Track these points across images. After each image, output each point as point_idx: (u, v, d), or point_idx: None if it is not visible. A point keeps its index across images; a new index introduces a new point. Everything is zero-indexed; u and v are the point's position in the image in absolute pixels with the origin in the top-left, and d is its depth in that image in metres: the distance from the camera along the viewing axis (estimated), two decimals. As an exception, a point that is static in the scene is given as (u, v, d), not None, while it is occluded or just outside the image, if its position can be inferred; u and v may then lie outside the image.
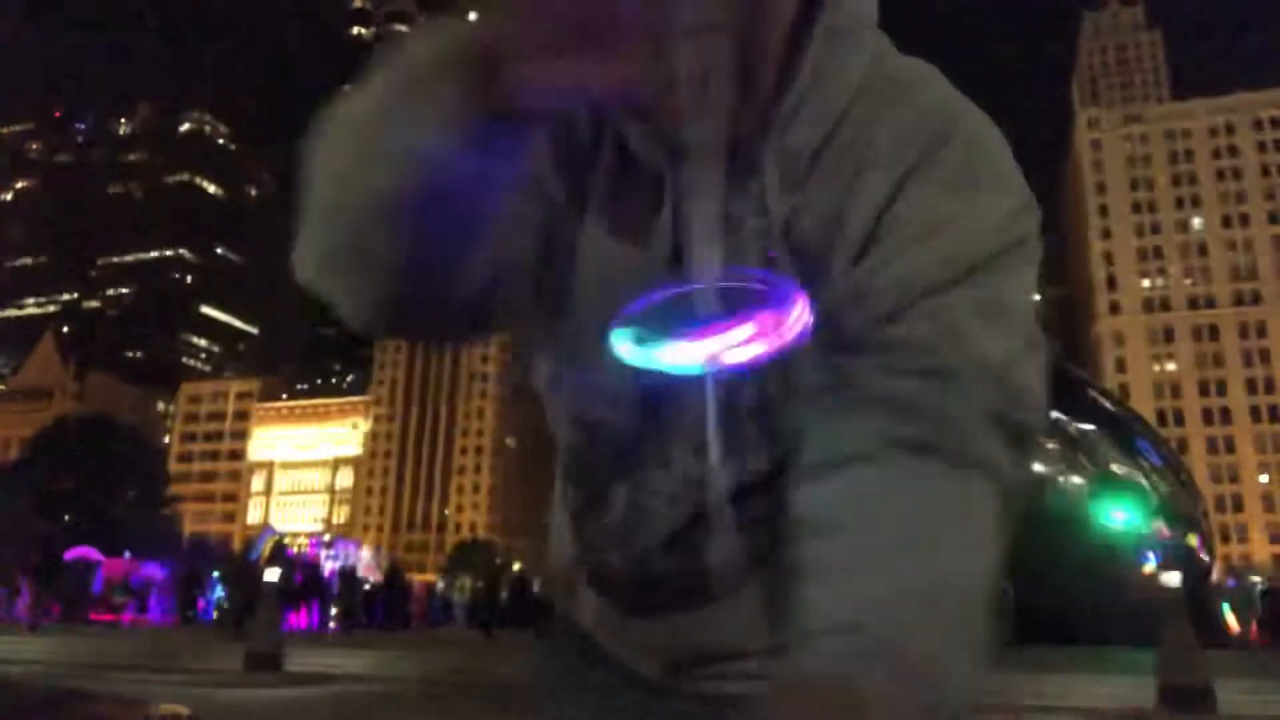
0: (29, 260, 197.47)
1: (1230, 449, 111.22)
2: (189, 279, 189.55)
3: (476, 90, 0.60)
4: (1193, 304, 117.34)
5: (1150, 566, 18.08)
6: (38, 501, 55.17)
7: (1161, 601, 10.05)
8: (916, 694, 0.61)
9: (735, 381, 0.75)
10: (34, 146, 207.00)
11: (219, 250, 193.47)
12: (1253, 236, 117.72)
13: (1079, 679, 11.43)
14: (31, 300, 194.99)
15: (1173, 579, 9.90)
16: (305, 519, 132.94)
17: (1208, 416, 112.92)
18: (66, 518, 58.00)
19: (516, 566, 50.74)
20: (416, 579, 44.02)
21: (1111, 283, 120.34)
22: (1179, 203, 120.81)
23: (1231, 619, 22.05)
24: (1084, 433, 22.26)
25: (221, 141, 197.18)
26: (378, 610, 26.38)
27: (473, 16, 0.66)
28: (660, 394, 0.80)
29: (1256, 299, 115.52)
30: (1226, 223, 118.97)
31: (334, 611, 27.10)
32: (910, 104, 0.79)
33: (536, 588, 26.67)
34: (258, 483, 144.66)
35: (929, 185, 0.75)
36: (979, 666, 0.65)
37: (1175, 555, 19.17)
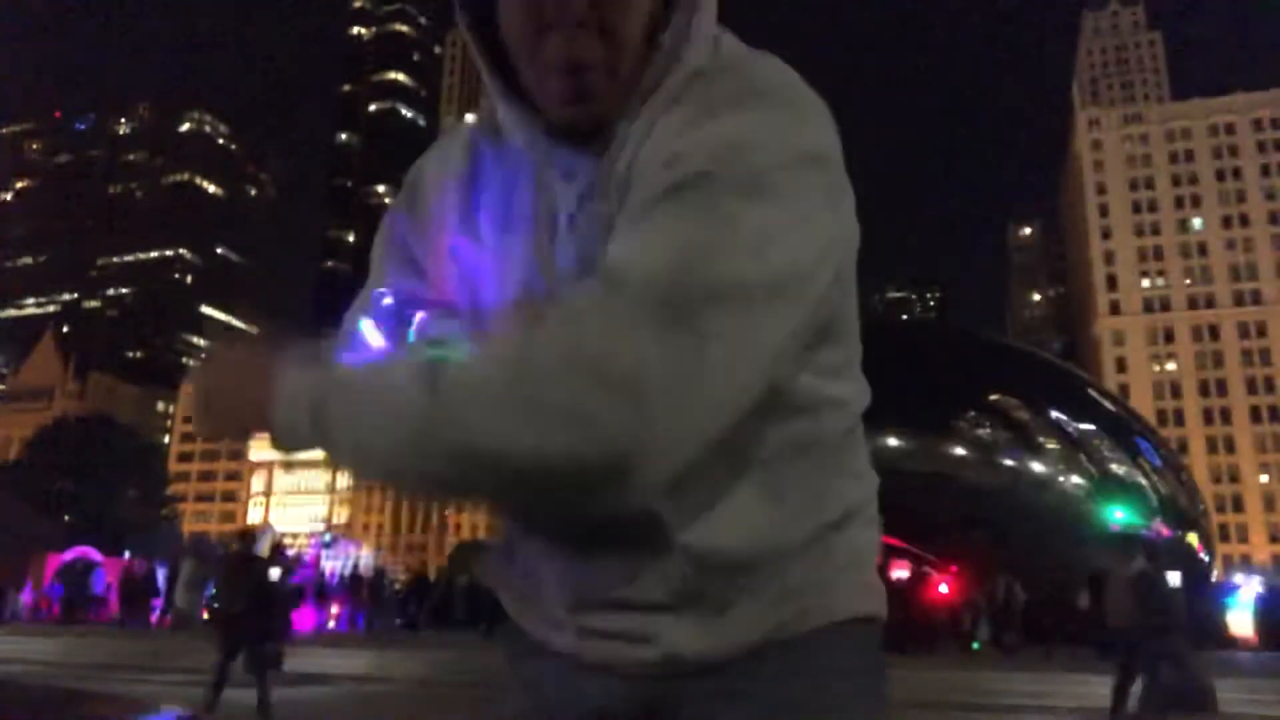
0: (29, 260, 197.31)
1: (1230, 449, 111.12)
2: (189, 279, 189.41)
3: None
4: (1193, 304, 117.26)
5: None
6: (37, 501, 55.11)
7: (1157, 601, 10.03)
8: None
9: None
10: (34, 146, 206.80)
11: (219, 250, 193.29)
12: (1253, 236, 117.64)
13: (1079, 679, 11.41)
14: (31, 300, 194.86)
15: (1173, 579, 9.89)
16: (305, 519, 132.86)
17: (1208, 416, 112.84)
18: (66, 518, 57.93)
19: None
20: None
21: (1111, 283, 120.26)
22: (1179, 203, 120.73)
23: (1235, 622, 21.82)
24: (1084, 433, 22.26)
25: (221, 141, 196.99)
26: (409, 610, 26.38)
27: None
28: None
29: (1256, 299, 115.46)
30: (1226, 223, 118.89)
31: (334, 611, 27.05)
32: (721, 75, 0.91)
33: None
34: (258, 483, 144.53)
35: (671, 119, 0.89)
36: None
37: (1175, 555, 19.16)
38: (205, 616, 24.35)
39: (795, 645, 0.97)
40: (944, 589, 19.34)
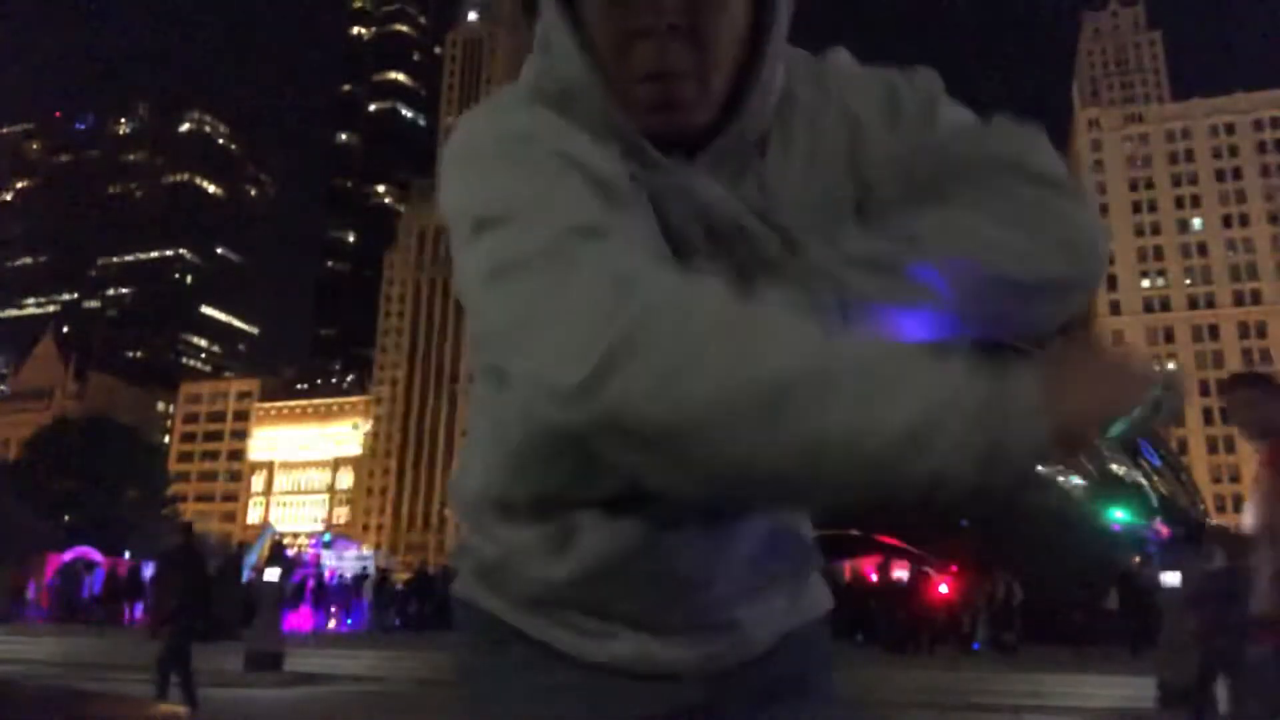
0: (29, 260, 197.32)
1: (1230, 449, 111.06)
2: (189, 279, 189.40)
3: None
4: (1193, 304, 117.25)
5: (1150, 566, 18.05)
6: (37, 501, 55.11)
7: (1162, 601, 10.04)
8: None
9: None
10: (34, 146, 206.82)
11: (219, 250, 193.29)
12: (1253, 236, 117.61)
13: (1079, 679, 11.42)
14: (31, 300, 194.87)
15: (1173, 579, 9.88)
16: (305, 519, 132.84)
17: (1208, 416, 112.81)
18: (66, 518, 57.91)
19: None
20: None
21: (1111, 283, 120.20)
22: (1179, 203, 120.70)
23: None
24: (1084, 433, 22.25)
25: (221, 141, 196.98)
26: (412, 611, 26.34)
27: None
28: None
29: (1256, 299, 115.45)
30: (1226, 223, 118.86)
31: (333, 610, 27.04)
32: (853, 74, 0.98)
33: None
34: (258, 483, 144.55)
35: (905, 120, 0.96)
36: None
37: (1175, 555, 19.15)
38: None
39: (806, 634, 1.01)
40: (944, 589, 19.33)
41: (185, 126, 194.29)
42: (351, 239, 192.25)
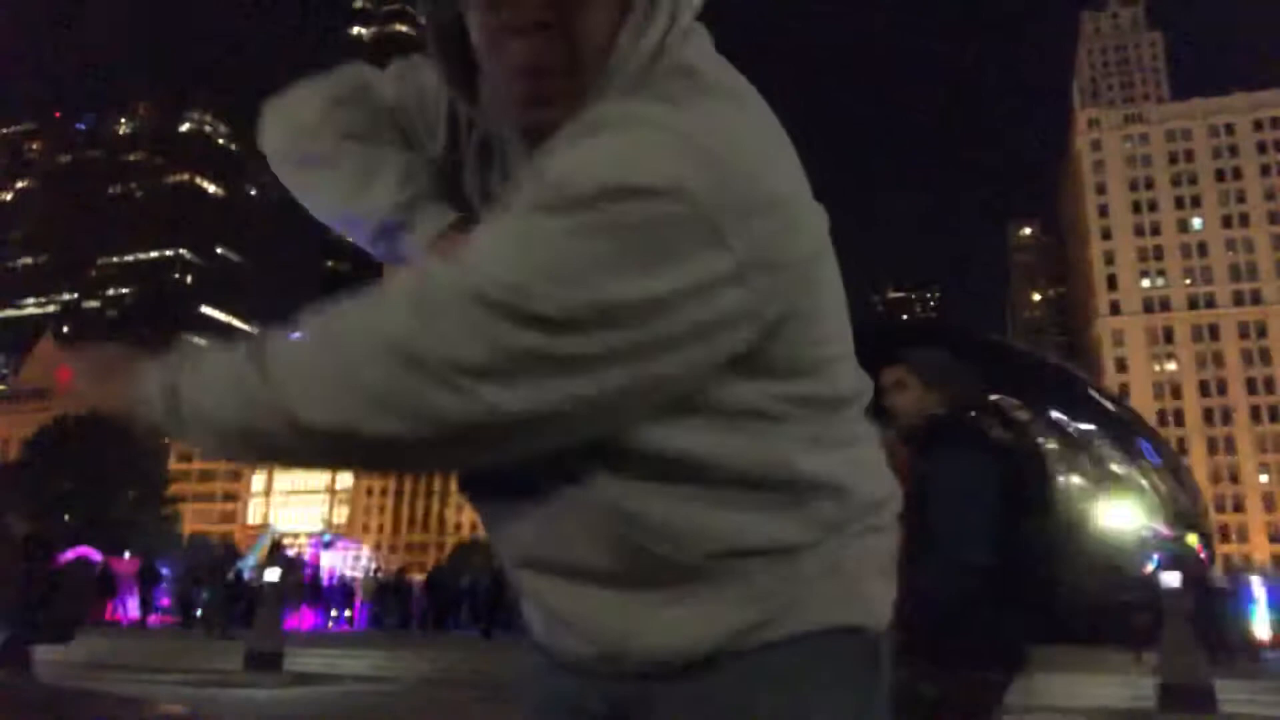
0: (29, 260, 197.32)
1: (1230, 449, 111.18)
2: (189, 279, 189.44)
3: None
4: (1193, 304, 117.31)
5: (1150, 566, 18.05)
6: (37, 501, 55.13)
7: (1162, 601, 10.04)
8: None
9: None
10: (34, 146, 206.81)
11: (219, 250, 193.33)
12: (1253, 236, 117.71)
13: (1079, 679, 11.41)
14: (31, 300, 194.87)
15: (1173, 579, 9.88)
16: (305, 519, 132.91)
17: (1208, 416, 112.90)
18: (66, 518, 57.91)
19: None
20: (418, 579, 43.89)
21: (1111, 283, 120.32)
22: (1179, 203, 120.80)
23: (1259, 625, 21.36)
24: (1084, 433, 22.24)
25: (221, 141, 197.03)
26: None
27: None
28: None
29: (1256, 299, 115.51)
30: (1226, 223, 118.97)
31: (333, 614, 27.04)
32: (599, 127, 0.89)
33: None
34: (258, 483, 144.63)
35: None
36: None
37: (1175, 555, 19.14)
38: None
39: (761, 652, 0.93)
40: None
41: (185, 126, 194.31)
42: (351, 239, 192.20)
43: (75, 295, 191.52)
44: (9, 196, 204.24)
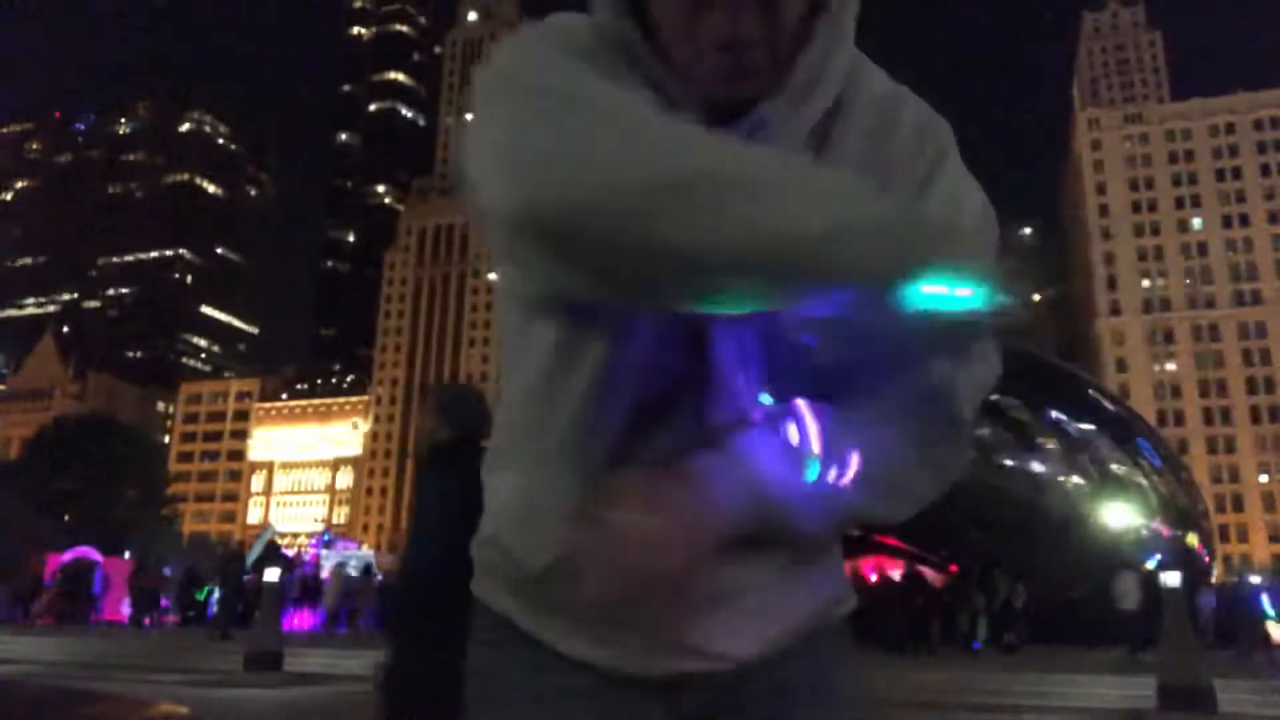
0: (29, 260, 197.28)
1: (1230, 449, 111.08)
2: (189, 279, 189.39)
3: None
4: (1193, 304, 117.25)
5: (1150, 566, 18.05)
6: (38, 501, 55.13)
7: (1162, 601, 10.03)
8: None
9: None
10: (34, 146, 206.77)
11: (219, 250, 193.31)
12: (1253, 236, 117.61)
13: (1079, 679, 11.41)
14: (31, 300, 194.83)
15: (1173, 579, 9.88)
16: (305, 519, 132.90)
17: (1208, 416, 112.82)
18: (66, 518, 57.92)
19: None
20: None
21: (1111, 283, 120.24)
22: (1179, 203, 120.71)
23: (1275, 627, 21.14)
24: (1084, 433, 22.24)
25: (221, 141, 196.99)
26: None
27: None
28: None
29: (1256, 299, 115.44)
30: (1226, 223, 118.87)
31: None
32: (908, 100, 0.99)
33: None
34: (258, 483, 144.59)
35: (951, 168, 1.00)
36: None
37: (1175, 555, 19.14)
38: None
39: (823, 635, 0.98)
40: (943, 588, 19.34)
41: (185, 126, 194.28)
42: (351, 239, 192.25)
43: (75, 295, 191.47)
44: (9, 196, 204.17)
